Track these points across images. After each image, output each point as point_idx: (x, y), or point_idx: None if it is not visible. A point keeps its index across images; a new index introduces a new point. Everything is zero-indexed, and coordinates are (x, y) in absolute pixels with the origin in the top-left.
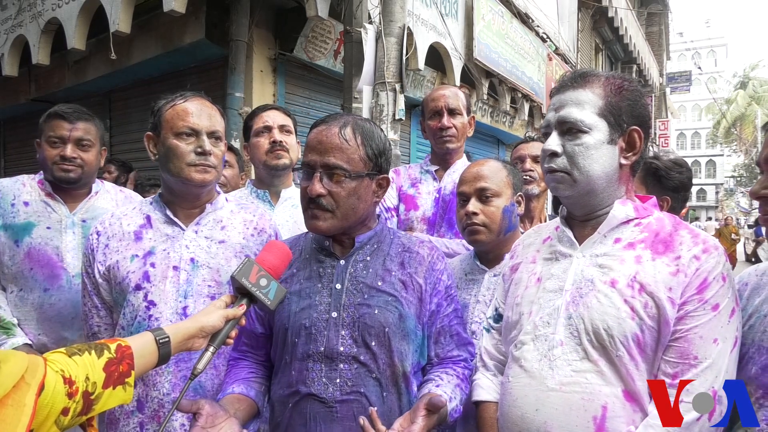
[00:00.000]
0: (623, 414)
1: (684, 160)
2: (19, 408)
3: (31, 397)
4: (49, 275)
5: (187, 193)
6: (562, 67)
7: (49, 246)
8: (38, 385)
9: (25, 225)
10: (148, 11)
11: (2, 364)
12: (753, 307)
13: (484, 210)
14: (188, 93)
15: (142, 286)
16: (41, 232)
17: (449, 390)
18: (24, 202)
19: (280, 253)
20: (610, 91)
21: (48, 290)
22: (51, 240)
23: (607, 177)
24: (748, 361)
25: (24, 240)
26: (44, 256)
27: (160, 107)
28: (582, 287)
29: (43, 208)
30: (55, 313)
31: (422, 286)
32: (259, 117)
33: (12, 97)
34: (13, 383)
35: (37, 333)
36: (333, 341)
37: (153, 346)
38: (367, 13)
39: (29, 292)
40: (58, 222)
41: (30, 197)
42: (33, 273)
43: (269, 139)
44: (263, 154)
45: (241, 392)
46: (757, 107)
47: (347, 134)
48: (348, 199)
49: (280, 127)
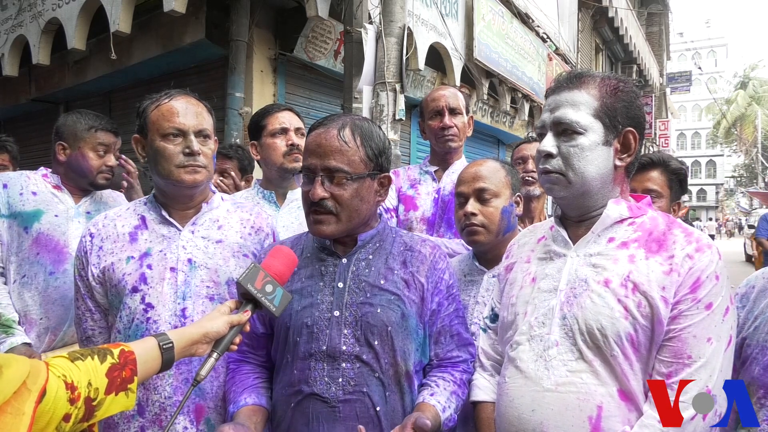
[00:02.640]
0: (618, 413)
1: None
2: (18, 416)
3: (31, 404)
4: (55, 260)
5: (179, 194)
6: (562, 67)
7: (57, 232)
8: (39, 391)
9: (35, 212)
10: (149, 11)
11: (4, 369)
12: (759, 309)
13: (482, 210)
14: (173, 91)
15: (139, 289)
16: (50, 219)
17: (443, 399)
18: (32, 192)
19: (285, 259)
20: (605, 92)
21: (53, 273)
22: (59, 227)
23: (601, 178)
24: (751, 362)
25: (33, 226)
26: (51, 240)
27: (145, 108)
28: (576, 287)
29: (50, 197)
30: (59, 296)
31: (424, 285)
32: (274, 117)
33: (12, 97)
34: (14, 389)
35: (39, 318)
36: (335, 340)
37: (156, 351)
38: (367, 13)
39: (34, 276)
40: (65, 211)
41: (37, 188)
42: (39, 258)
43: (287, 142)
44: (280, 156)
45: (255, 402)
46: (758, 107)
47: (346, 136)
48: (351, 201)
49: (296, 130)
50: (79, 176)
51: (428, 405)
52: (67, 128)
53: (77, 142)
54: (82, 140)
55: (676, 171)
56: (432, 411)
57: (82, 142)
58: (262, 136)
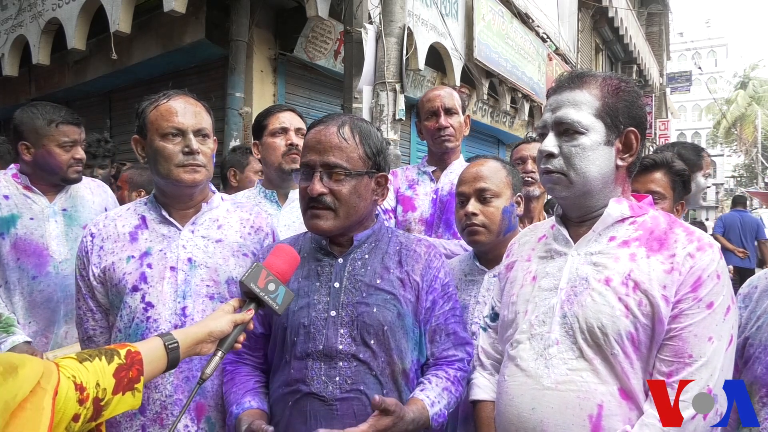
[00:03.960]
0: (619, 412)
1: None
2: (39, 411)
3: (49, 401)
4: (37, 263)
5: (179, 194)
6: (562, 67)
7: (35, 235)
8: (54, 390)
9: (10, 217)
10: (149, 11)
11: (20, 368)
12: (762, 308)
13: (483, 210)
14: (171, 92)
15: (140, 288)
16: (25, 223)
17: (433, 395)
18: (4, 195)
19: (288, 258)
20: (607, 92)
21: (36, 278)
22: (36, 230)
23: (603, 178)
24: (754, 362)
25: (9, 232)
26: (30, 245)
27: (143, 109)
28: (577, 285)
29: (23, 200)
30: (44, 300)
31: (419, 283)
32: (275, 117)
33: (12, 97)
34: (31, 388)
35: (26, 322)
36: (332, 340)
37: (162, 351)
38: (367, 13)
39: (17, 282)
40: (40, 212)
41: (8, 191)
42: (20, 263)
43: (286, 141)
44: (279, 156)
45: (258, 407)
46: (757, 107)
47: (345, 133)
48: (349, 197)
49: (296, 130)
50: (48, 174)
51: (416, 399)
52: (26, 126)
53: (40, 139)
54: (44, 137)
55: (679, 172)
56: (419, 405)
57: (46, 139)
58: (263, 135)
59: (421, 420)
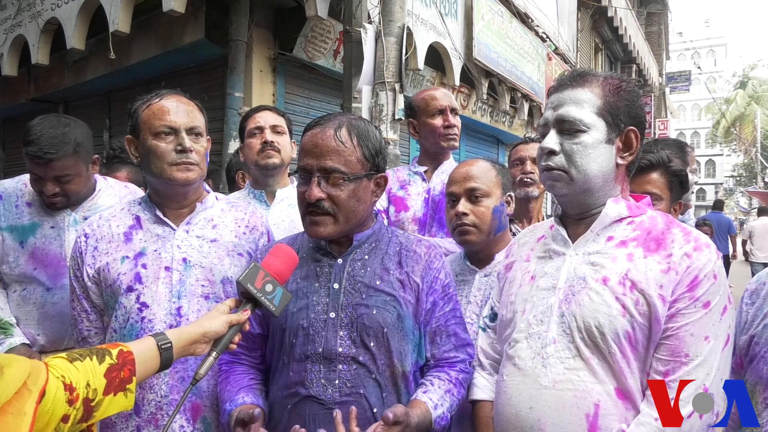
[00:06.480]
0: (615, 411)
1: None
2: (19, 416)
3: (32, 404)
4: (53, 274)
5: (173, 193)
6: (561, 66)
7: (53, 245)
8: (39, 391)
9: (31, 225)
10: (148, 11)
11: (5, 369)
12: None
13: (474, 210)
14: (163, 91)
15: (134, 288)
16: (45, 232)
17: (436, 397)
18: (27, 202)
19: (286, 258)
20: (608, 91)
21: (51, 289)
22: (55, 239)
23: (603, 176)
24: (759, 360)
25: (28, 241)
26: (48, 255)
27: (136, 108)
28: (574, 285)
29: (46, 208)
30: (56, 312)
31: (419, 284)
32: (252, 118)
33: (12, 97)
34: (15, 389)
35: (36, 333)
36: (331, 342)
37: (155, 351)
38: (366, 13)
39: (32, 291)
40: (61, 220)
41: (32, 197)
42: (37, 273)
43: (261, 140)
44: (255, 154)
45: (253, 402)
46: (757, 107)
47: (343, 136)
48: (348, 202)
49: (272, 127)
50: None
51: (419, 401)
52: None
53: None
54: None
55: (677, 173)
56: (422, 407)
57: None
58: (245, 138)
59: (425, 423)
